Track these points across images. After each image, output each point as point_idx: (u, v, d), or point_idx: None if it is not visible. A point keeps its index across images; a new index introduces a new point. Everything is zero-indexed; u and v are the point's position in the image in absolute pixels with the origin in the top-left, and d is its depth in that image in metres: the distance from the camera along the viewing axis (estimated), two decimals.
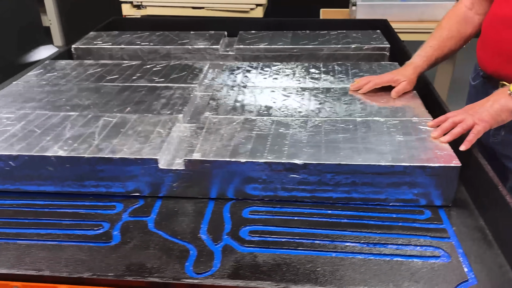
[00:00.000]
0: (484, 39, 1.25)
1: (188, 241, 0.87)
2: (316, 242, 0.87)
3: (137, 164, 0.96)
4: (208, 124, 1.10)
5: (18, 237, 0.89)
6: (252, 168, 0.95)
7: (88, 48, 1.72)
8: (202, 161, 0.96)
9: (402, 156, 0.94)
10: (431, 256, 0.84)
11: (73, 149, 0.99)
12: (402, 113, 1.14)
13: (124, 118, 1.13)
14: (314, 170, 0.94)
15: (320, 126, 1.08)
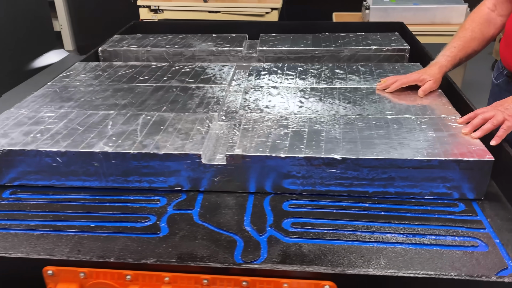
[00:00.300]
0: (508, 39, 1.29)
1: (233, 232, 0.91)
2: (357, 233, 0.91)
3: (180, 159, 1.00)
4: (244, 122, 1.13)
5: (69, 229, 0.93)
6: (292, 163, 0.99)
7: (115, 50, 1.76)
8: (243, 156, 0.99)
9: (437, 151, 0.98)
10: (470, 246, 0.87)
11: (118, 145, 1.03)
12: (431, 110, 1.18)
13: (162, 116, 1.17)
14: (352, 164, 0.97)
15: (352, 123, 1.12)
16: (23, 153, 1.03)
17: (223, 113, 1.27)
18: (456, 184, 0.98)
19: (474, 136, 1.04)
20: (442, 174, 0.97)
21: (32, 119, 1.17)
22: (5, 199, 1.04)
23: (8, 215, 0.98)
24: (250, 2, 2.75)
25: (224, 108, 1.30)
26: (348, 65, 1.53)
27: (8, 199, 1.04)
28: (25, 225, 0.94)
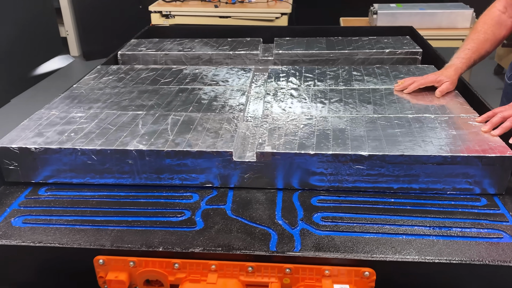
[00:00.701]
0: None
1: (267, 225, 0.94)
2: (385, 226, 0.94)
3: (212, 156, 1.04)
4: (270, 122, 1.17)
5: (108, 224, 0.96)
6: (319, 160, 1.02)
7: (134, 54, 1.81)
8: (273, 153, 1.03)
9: (459, 148, 1.02)
10: (495, 238, 0.90)
11: (151, 144, 1.06)
12: (449, 110, 1.22)
13: (190, 116, 1.21)
14: (379, 161, 1.01)
15: (375, 122, 1.16)
16: (60, 151, 1.06)
17: (248, 113, 1.31)
18: (478, 180, 1.02)
19: (494, 134, 1.08)
20: (465, 170, 1.01)
21: (64, 119, 1.21)
22: (42, 196, 1.07)
23: (47, 211, 1.01)
24: (260, 7, 2.80)
25: (248, 108, 1.34)
26: (364, 67, 1.57)
27: (44, 196, 1.07)
28: (64, 220, 0.98)
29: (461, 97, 1.31)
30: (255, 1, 2.91)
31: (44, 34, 4.53)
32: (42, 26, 4.49)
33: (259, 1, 2.93)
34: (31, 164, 1.08)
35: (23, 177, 1.10)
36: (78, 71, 4.78)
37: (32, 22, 4.30)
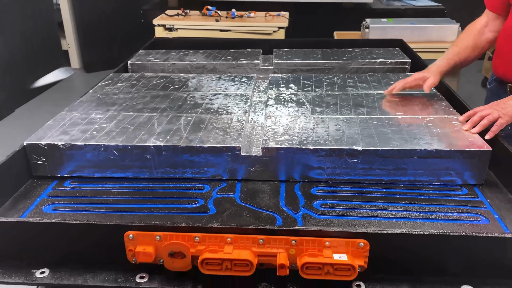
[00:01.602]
0: (499, 48, 1.49)
1: (272, 211, 1.06)
2: (378, 211, 1.06)
3: (222, 151, 1.16)
4: (272, 121, 1.30)
5: (130, 210, 1.07)
6: (319, 154, 1.15)
7: (143, 63, 1.93)
8: (277, 148, 1.15)
9: (443, 143, 1.15)
10: (474, 220, 1.03)
11: (167, 140, 1.18)
12: (435, 112, 1.35)
13: (200, 118, 1.33)
14: (372, 155, 1.13)
15: (368, 122, 1.28)
16: (84, 147, 1.18)
17: (252, 115, 1.43)
18: (459, 172, 1.15)
19: (473, 132, 1.21)
20: (448, 163, 1.14)
21: (85, 120, 1.32)
22: (68, 188, 1.18)
23: (74, 200, 1.12)
24: (258, 21, 2.95)
25: (252, 111, 1.46)
26: (358, 75, 1.71)
27: (70, 187, 1.18)
28: (90, 207, 1.09)
29: (445, 101, 1.44)
30: (254, 15, 3.06)
31: (47, 47, 4.66)
32: (45, 40, 4.61)
33: (258, 16, 3.08)
34: (58, 159, 1.19)
35: (50, 171, 1.21)
36: (79, 83, 4.90)
37: (36, 36, 4.43)
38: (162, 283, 0.87)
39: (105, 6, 4.89)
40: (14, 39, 4.10)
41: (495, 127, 1.21)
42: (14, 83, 4.11)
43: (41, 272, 0.89)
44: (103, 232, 0.87)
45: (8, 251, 0.90)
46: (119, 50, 4.94)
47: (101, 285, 0.87)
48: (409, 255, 0.86)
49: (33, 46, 4.39)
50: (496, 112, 1.21)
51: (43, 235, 0.89)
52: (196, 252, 0.85)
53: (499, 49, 1.50)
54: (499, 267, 0.85)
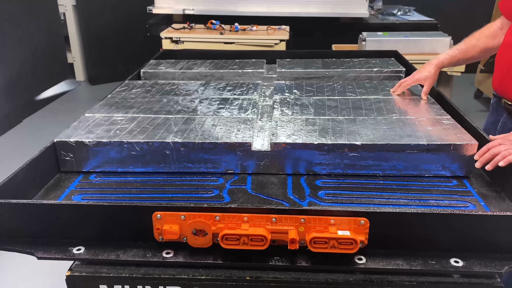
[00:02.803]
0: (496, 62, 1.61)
1: (281, 199, 1.18)
2: (376, 199, 1.18)
3: (235, 146, 1.27)
4: (279, 122, 1.42)
5: (152, 199, 1.18)
6: (322, 148, 1.26)
7: (155, 72, 2.06)
8: (284, 143, 1.27)
9: (434, 138, 1.27)
10: (462, 206, 1.15)
11: (184, 138, 1.30)
12: (428, 113, 1.48)
13: (213, 118, 1.45)
14: (370, 149, 1.25)
15: (366, 121, 1.41)
16: (109, 144, 1.29)
17: (260, 116, 1.55)
18: (449, 165, 1.27)
19: (487, 168, 1.20)
20: (439, 156, 1.26)
21: (107, 121, 1.44)
22: (93, 180, 1.29)
23: (100, 191, 1.23)
24: (260, 34, 3.10)
25: (259, 112, 1.58)
26: (356, 82, 1.84)
27: (95, 180, 1.29)
28: (115, 196, 1.20)
29: (437, 104, 1.57)
30: (256, 29, 3.21)
31: (53, 60, 4.81)
32: (51, 53, 4.76)
33: (260, 29, 3.24)
34: (84, 155, 1.31)
35: (76, 167, 1.32)
36: (84, 95, 5.04)
37: (43, 49, 4.57)
38: (186, 258, 0.98)
39: (110, 20, 5.06)
40: (22, 52, 4.25)
41: (502, 163, 1.17)
42: (22, 94, 4.24)
43: (78, 249, 0.99)
44: (134, 213, 0.99)
45: (47, 231, 1.01)
46: (123, 63, 5.10)
47: (131, 260, 0.97)
48: (404, 232, 0.97)
49: (40, 59, 4.53)
50: (506, 150, 1.18)
51: (79, 216, 1.00)
52: (217, 229, 0.96)
53: (496, 63, 1.61)
54: (483, 242, 0.97)
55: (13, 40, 4.09)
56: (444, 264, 0.95)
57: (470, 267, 0.95)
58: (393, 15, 4.00)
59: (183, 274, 0.97)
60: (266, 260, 0.97)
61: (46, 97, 4.65)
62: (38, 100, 4.53)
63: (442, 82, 3.41)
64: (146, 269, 0.98)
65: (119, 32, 5.12)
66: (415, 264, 0.95)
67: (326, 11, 3.65)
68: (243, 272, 0.97)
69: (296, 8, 3.61)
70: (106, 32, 5.09)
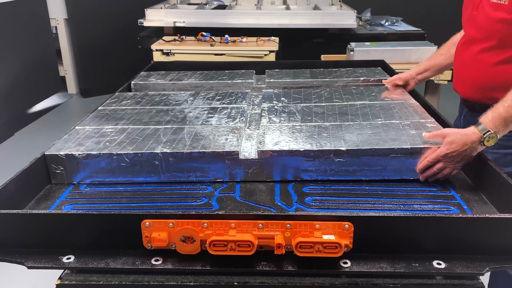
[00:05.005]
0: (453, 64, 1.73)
1: (269, 205, 1.20)
2: (361, 205, 1.20)
3: (223, 156, 1.30)
4: (267, 129, 1.44)
5: (141, 208, 1.20)
6: (308, 155, 1.29)
7: (145, 83, 2.08)
8: (271, 151, 1.29)
9: (417, 141, 1.30)
10: (445, 210, 1.17)
11: (173, 148, 1.32)
12: (412, 117, 1.51)
13: (201, 128, 1.47)
14: (355, 154, 1.28)
15: (351, 127, 1.43)
16: (99, 156, 1.31)
17: (248, 124, 1.58)
18: None
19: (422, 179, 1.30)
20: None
21: (97, 133, 1.45)
22: (83, 191, 1.31)
23: (90, 201, 1.25)
24: (250, 46, 3.14)
25: (248, 120, 1.61)
26: (343, 88, 1.88)
27: (85, 191, 1.31)
28: (105, 206, 1.22)
29: (421, 108, 1.60)
30: (246, 40, 3.26)
31: (45, 73, 4.82)
32: (43, 66, 4.78)
33: (250, 41, 3.28)
34: (74, 168, 1.32)
35: (67, 179, 1.34)
36: (76, 108, 5.05)
37: (34, 62, 4.59)
38: (174, 265, 0.99)
39: (102, 34, 5.10)
40: (14, 66, 4.26)
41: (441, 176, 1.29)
42: (13, 107, 4.24)
43: (68, 258, 1.01)
44: (123, 221, 1.00)
45: (37, 240, 1.03)
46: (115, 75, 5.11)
47: (121, 267, 0.99)
48: (388, 235, 1.00)
49: (32, 72, 4.55)
50: (450, 168, 1.28)
51: (69, 225, 1.02)
52: (204, 236, 0.98)
53: (453, 65, 1.74)
54: (465, 244, 0.99)
55: (5, 54, 4.11)
56: (427, 266, 0.98)
57: (452, 268, 0.97)
58: (381, 26, 4.08)
59: (172, 281, 0.99)
60: (253, 265, 0.99)
61: (38, 110, 4.65)
62: (30, 113, 4.53)
63: (429, 90, 3.47)
64: (135, 276, 0.99)
65: (111, 45, 5.16)
66: (399, 267, 0.98)
67: (315, 22, 3.71)
68: (231, 277, 0.99)
69: (285, 20, 3.66)
70: (97, 45, 5.12)
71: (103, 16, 5.07)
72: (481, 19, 1.55)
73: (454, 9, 5.07)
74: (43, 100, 4.80)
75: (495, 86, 1.54)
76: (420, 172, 1.30)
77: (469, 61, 1.62)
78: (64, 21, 5.02)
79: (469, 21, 1.64)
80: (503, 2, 1.46)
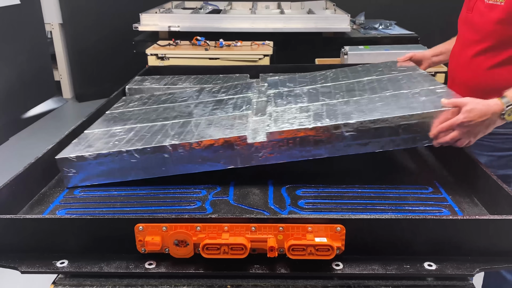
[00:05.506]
0: None
1: (262, 209, 1.21)
2: (354, 207, 1.21)
3: (231, 142, 1.28)
4: (274, 112, 1.43)
5: (135, 212, 1.21)
6: (318, 131, 1.26)
7: (140, 88, 2.09)
8: (279, 132, 1.27)
9: (428, 107, 1.25)
10: (437, 212, 1.19)
11: (181, 139, 1.31)
12: (421, 85, 1.47)
13: (208, 119, 1.47)
14: (366, 125, 1.24)
15: (360, 102, 1.40)
16: (109, 155, 1.30)
17: (255, 111, 1.54)
18: None
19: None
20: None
21: (106, 134, 1.46)
22: (77, 195, 1.31)
23: (84, 205, 1.25)
24: (245, 50, 3.16)
25: (254, 107, 1.58)
26: (349, 68, 1.87)
27: (79, 195, 1.31)
28: (99, 210, 1.22)
29: (429, 76, 1.58)
30: (241, 44, 3.27)
31: (40, 78, 4.82)
32: (38, 71, 4.78)
33: (244, 45, 3.29)
34: (86, 170, 1.32)
35: (80, 182, 1.33)
36: (71, 112, 5.04)
37: (29, 67, 4.59)
38: (168, 268, 1.00)
39: (97, 38, 5.10)
40: (9, 71, 4.25)
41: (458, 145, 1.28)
42: (8, 112, 4.23)
43: (61, 262, 1.01)
44: (116, 225, 1.01)
45: (31, 245, 1.03)
46: (110, 80, 5.11)
47: (114, 271, 0.99)
48: (379, 237, 1.01)
49: (27, 77, 4.54)
50: (464, 138, 1.26)
51: (63, 230, 1.02)
52: (198, 240, 0.98)
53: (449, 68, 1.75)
54: (455, 246, 1.01)
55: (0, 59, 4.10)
56: (418, 268, 0.99)
57: (443, 270, 0.98)
58: (375, 29, 4.10)
59: (166, 285, 0.99)
60: (246, 268, 1.00)
61: (33, 114, 4.65)
62: (25, 118, 4.52)
63: None
64: (129, 280, 1.00)
65: (106, 50, 5.16)
66: (390, 268, 0.99)
67: (309, 26, 3.73)
68: (224, 280, 1.00)
69: (280, 24, 3.68)
70: (92, 49, 5.12)
71: (98, 20, 5.07)
72: (477, 21, 1.57)
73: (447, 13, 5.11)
74: (38, 104, 4.79)
75: (490, 89, 1.52)
76: (434, 138, 1.25)
77: (464, 64, 1.63)
78: (59, 25, 5.02)
79: (464, 23, 1.65)
80: (499, 2, 1.47)
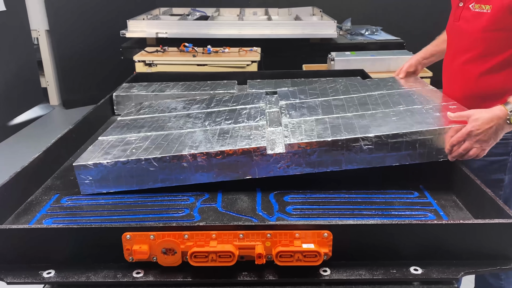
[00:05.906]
0: None
1: (250, 215, 1.21)
2: (341, 213, 1.22)
3: (250, 152, 1.29)
4: (290, 125, 1.44)
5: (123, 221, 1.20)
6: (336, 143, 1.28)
7: (127, 95, 2.08)
8: (299, 144, 1.29)
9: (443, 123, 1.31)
10: (422, 217, 1.20)
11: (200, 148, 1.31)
12: (432, 101, 1.51)
13: (223, 129, 1.47)
14: (385, 139, 1.27)
15: (375, 116, 1.43)
16: (127, 163, 1.30)
17: (269, 122, 1.56)
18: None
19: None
20: None
21: (122, 142, 1.45)
22: (64, 204, 1.30)
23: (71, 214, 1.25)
24: (232, 56, 3.17)
25: (268, 118, 1.60)
26: (359, 81, 1.90)
27: (66, 204, 1.30)
28: (86, 219, 1.21)
29: (439, 92, 1.63)
30: (228, 51, 3.29)
31: (26, 85, 4.77)
32: (25, 78, 4.73)
33: (232, 51, 3.31)
34: (103, 176, 1.31)
35: (96, 189, 1.33)
36: (58, 119, 5.00)
37: (16, 74, 4.55)
38: (156, 277, 1.00)
39: (84, 45, 5.07)
40: None
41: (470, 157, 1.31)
42: None
43: (48, 272, 1.00)
44: (103, 234, 1.00)
45: (17, 255, 1.02)
46: (97, 87, 5.09)
47: (102, 281, 0.99)
48: (366, 242, 1.02)
49: (13, 84, 4.50)
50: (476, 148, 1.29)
51: (49, 240, 1.01)
52: (186, 248, 0.98)
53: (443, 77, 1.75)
54: (441, 250, 1.02)
55: None
56: (404, 272, 1.00)
57: (428, 274, 1.00)
58: (361, 35, 4.15)
59: None
60: (234, 275, 1.00)
61: (20, 122, 4.60)
62: (11, 125, 4.47)
63: None
64: None
65: (93, 56, 5.13)
66: (377, 273, 1.00)
67: (296, 32, 3.76)
68: None
69: (267, 30, 3.70)
70: (79, 56, 5.09)
71: (85, 27, 5.05)
72: (464, 29, 1.58)
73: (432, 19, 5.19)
74: (25, 112, 4.74)
75: (485, 95, 1.55)
76: (448, 153, 1.30)
77: (457, 73, 1.64)
78: (46, 32, 4.98)
79: (452, 32, 1.67)
80: (486, 10, 1.49)
